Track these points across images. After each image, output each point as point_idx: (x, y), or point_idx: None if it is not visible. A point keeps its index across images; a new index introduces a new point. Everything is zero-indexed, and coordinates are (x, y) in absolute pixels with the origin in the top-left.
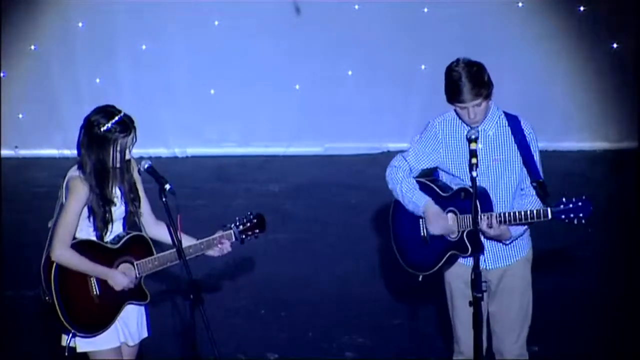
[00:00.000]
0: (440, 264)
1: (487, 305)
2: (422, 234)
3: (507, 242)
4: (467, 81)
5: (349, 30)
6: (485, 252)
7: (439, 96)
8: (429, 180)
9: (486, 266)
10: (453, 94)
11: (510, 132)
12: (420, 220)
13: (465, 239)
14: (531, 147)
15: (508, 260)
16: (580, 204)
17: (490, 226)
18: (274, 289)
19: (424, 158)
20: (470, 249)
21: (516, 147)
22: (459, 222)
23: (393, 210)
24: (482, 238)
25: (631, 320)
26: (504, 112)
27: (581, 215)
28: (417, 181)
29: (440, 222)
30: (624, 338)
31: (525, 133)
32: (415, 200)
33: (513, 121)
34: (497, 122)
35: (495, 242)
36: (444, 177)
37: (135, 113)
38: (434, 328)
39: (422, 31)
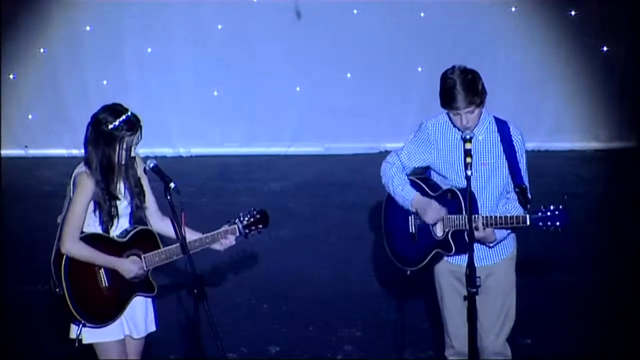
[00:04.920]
0: (425, 261)
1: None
2: (411, 230)
3: (491, 245)
4: (461, 89)
5: (348, 34)
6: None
7: (435, 98)
8: (420, 178)
9: None
10: (447, 101)
11: (499, 138)
12: (410, 216)
13: (450, 238)
14: (517, 154)
15: (492, 259)
16: (557, 213)
17: (476, 229)
18: (276, 284)
19: (416, 157)
20: (454, 249)
21: (503, 153)
22: (445, 221)
23: (385, 205)
24: (467, 238)
25: (620, 315)
26: (495, 118)
27: (558, 224)
28: (409, 179)
29: (433, 210)
30: (613, 332)
31: (513, 139)
32: (404, 194)
33: (502, 127)
34: (487, 128)
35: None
36: (435, 177)
37: (140, 114)
38: (431, 323)
39: (419, 35)
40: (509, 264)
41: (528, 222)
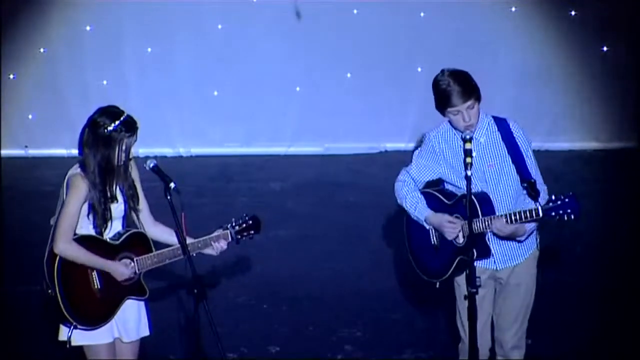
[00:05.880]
0: (451, 270)
1: (495, 299)
2: (433, 242)
3: (523, 238)
4: (455, 85)
5: (348, 34)
6: (494, 253)
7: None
8: (435, 190)
9: (496, 267)
10: (444, 101)
11: (500, 137)
12: (430, 228)
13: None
14: (521, 149)
15: (517, 259)
16: (567, 200)
17: (491, 229)
18: (276, 285)
19: (425, 171)
20: (475, 253)
21: (507, 151)
22: (464, 228)
23: (407, 222)
24: (488, 241)
25: (620, 315)
26: (493, 117)
27: (569, 211)
28: (424, 192)
29: (449, 227)
30: (613, 332)
31: (514, 135)
32: (417, 214)
33: (502, 125)
34: (487, 129)
35: (504, 243)
36: (449, 187)
37: (140, 114)
38: (432, 323)
39: (419, 35)
40: (532, 260)
41: (541, 214)
